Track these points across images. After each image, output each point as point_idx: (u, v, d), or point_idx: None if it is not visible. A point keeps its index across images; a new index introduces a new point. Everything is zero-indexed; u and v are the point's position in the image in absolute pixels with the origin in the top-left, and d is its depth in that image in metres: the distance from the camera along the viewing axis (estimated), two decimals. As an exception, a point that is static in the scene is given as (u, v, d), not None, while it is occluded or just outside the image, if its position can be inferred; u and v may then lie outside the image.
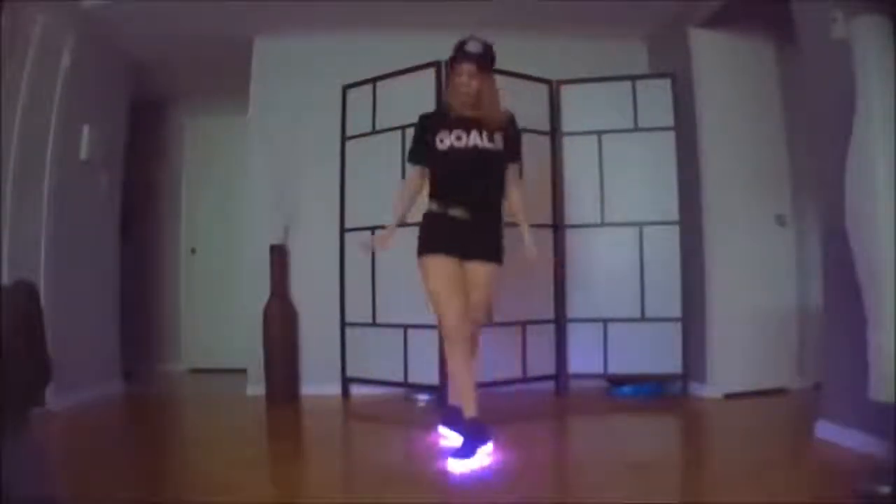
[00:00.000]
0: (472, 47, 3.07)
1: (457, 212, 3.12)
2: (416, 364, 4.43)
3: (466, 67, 3.06)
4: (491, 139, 3.14)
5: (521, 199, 3.34)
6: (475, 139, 3.12)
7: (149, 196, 6.47)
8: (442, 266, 3.06)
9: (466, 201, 3.13)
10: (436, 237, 3.14)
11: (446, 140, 3.13)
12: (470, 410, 3.01)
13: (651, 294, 4.68)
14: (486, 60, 3.10)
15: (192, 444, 3.73)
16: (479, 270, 3.17)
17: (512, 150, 3.27)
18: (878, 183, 2.39)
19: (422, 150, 3.25)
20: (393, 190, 3.95)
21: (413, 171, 3.35)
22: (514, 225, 3.38)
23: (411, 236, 3.31)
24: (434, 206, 3.19)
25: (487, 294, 3.23)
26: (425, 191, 3.31)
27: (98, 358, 4.80)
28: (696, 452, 3.39)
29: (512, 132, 3.27)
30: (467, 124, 3.13)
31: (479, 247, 3.16)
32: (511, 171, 3.29)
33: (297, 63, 5.12)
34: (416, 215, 3.34)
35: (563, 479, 2.93)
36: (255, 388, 4.85)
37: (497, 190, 3.24)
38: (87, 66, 4.53)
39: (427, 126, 3.25)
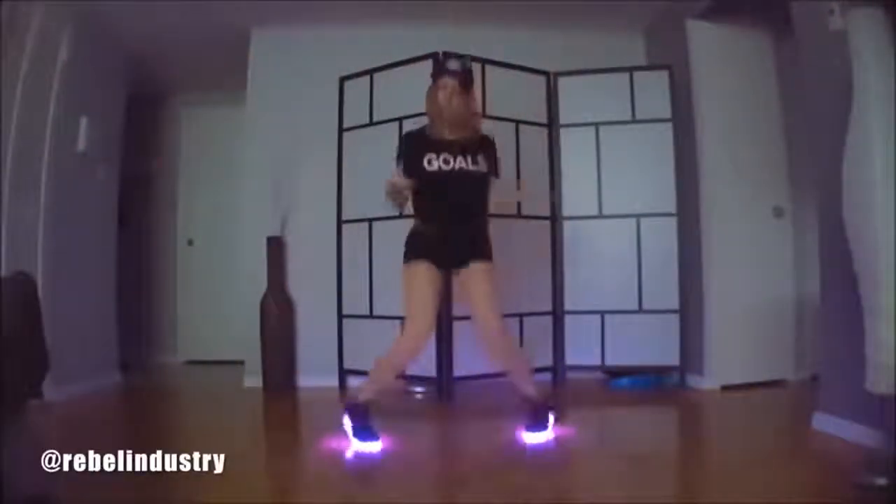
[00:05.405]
0: (453, 65, 3.22)
1: (442, 229, 3.21)
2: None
3: (449, 82, 3.18)
4: (475, 162, 3.22)
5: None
6: (461, 163, 3.19)
7: (146, 188, 6.44)
8: (423, 273, 3.15)
9: (452, 220, 3.22)
10: (421, 247, 3.22)
11: (434, 162, 3.18)
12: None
13: (648, 286, 4.68)
14: (466, 78, 3.22)
15: (190, 436, 3.73)
16: (473, 270, 3.22)
17: (495, 169, 3.35)
18: (876, 173, 2.38)
19: (411, 164, 3.24)
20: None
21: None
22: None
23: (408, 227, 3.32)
24: (419, 225, 3.27)
25: (490, 289, 3.23)
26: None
27: (95, 349, 4.79)
28: (694, 444, 3.40)
29: (492, 153, 3.35)
30: (452, 148, 3.20)
31: (468, 249, 3.23)
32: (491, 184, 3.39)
33: (295, 54, 5.10)
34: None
35: (561, 471, 2.93)
36: (253, 379, 4.85)
37: (481, 208, 3.33)
38: (84, 59, 4.51)
39: (413, 145, 3.28)
